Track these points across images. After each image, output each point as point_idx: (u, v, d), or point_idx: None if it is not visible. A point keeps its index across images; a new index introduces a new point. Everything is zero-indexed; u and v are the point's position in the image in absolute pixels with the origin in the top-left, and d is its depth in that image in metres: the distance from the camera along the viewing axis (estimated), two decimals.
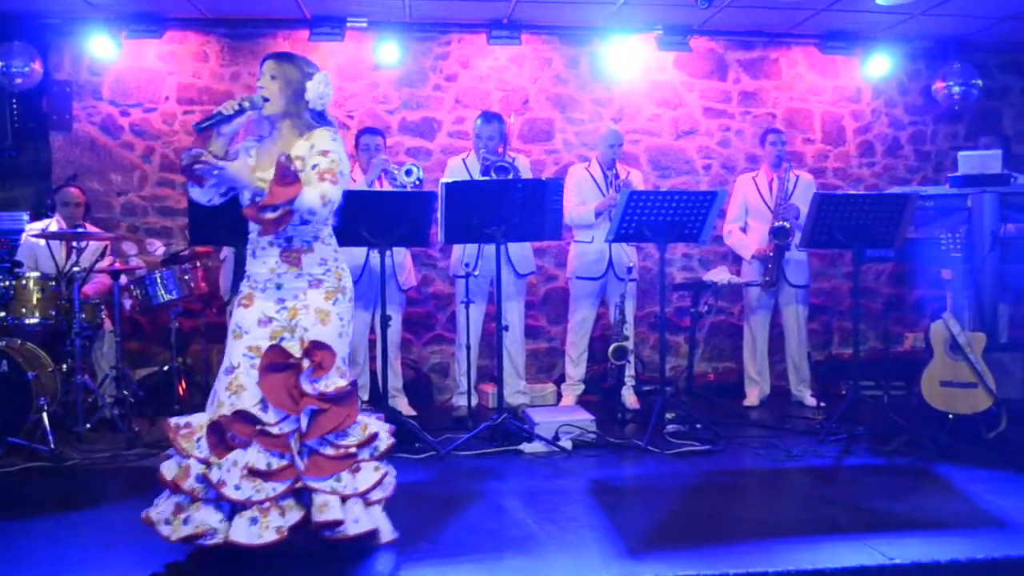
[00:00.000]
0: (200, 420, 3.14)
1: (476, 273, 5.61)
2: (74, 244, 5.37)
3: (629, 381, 6.02)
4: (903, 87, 7.38)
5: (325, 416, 3.06)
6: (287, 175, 3.04)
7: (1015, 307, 6.29)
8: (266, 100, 3.25)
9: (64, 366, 5.19)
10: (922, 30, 6.91)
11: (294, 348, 3.10)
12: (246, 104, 3.20)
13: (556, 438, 4.93)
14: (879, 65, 7.10)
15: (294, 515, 3.03)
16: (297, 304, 3.16)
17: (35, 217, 5.83)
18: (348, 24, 6.51)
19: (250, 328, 3.15)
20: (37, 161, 6.54)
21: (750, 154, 7.12)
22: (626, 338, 5.83)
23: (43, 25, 6.41)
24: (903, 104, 7.40)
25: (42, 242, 5.53)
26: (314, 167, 3.14)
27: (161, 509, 3.11)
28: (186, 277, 5.60)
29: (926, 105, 7.38)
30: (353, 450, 3.10)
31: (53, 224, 5.70)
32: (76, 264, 5.19)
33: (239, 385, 3.09)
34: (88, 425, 5.06)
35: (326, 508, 3.02)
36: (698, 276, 6.76)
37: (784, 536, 3.42)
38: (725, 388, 6.62)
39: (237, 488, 2.97)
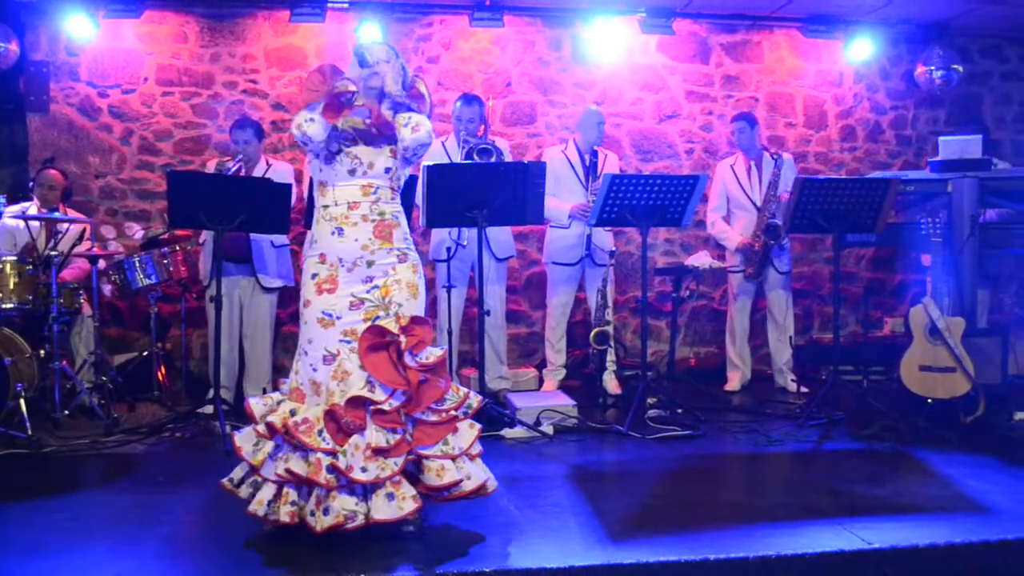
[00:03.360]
0: (315, 412, 3.15)
1: (464, 244, 5.55)
2: (55, 227, 5.31)
3: (610, 366, 6.01)
4: (885, 72, 7.39)
5: (428, 386, 3.16)
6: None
7: (994, 292, 6.34)
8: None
9: (42, 352, 5.14)
10: (904, 14, 6.91)
11: (391, 325, 3.17)
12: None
13: (538, 423, 4.94)
14: (861, 49, 7.09)
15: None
16: (388, 280, 3.24)
17: (12, 200, 5.76)
18: (329, 4, 6.44)
19: (342, 313, 3.21)
20: (14, 143, 6.44)
21: (732, 138, 7.11)
22: (607, 323, 5.83)
23: (19, 4, 6.31)
24: (885, 89, 7.41)
25: (21, 224, 5.47)
26: None
27: (305, 504, 3.14)
28: (165, 261, 5.56)
29: (908, 90, 7.40)
30: (453, 413, 3.21)
31: (32, 208, 5.64)
32: (54, 248, 5.14)
33: (344, 372, 3.16)
34: (66, 411, 5.03)
35: (444, 472, 3.14)
36: (680, 261, 6.76)
37: (764, 521, 3.44)
38: (706, 373, 6.64)
39: (364, 470, 3.04)
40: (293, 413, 3.17)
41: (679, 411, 5.23)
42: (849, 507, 3.59)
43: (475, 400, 3.32)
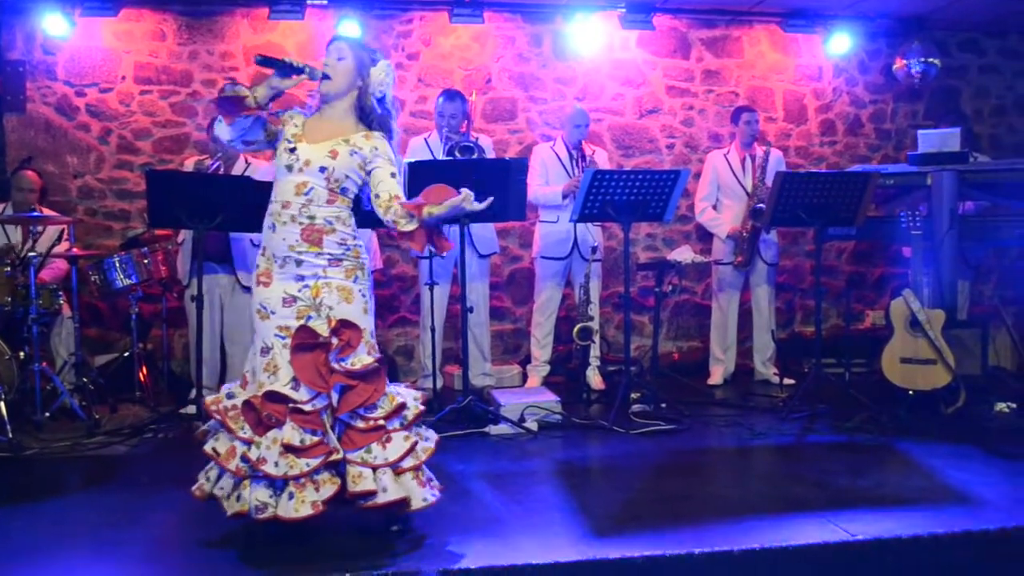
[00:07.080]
0: (242, 400, 3.18)
1: (443, 256, 5.56)
2: (31, 228, 5.26)
3: (594, 362, 6.03)
4: (864, 65, 7.43)
5: (353, 392, 3.13)
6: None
7: (974, 284, 6.39)
8: (327, 77, 3.26)
9: (21, 353, 5.08)
10: (882, 8, 6.95)
11: (322, 327, 3.13)
12: (306, 70, 3.21)
13: (522, 420, 4.93)
14: (840, 43, 7.12)
15: (329, 488, 3.09)
16: (319, 283, 3.16)
17: None
18: (308, 1, 6.42)
19: (276, 308, 3.17)
20: None
21: (713, 133, 7.14)
22: (591, 318, 5.84)
23: None
24: (864, 82, 7.44)
25: None
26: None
27: (222, 484, 3.19)
28: (145, 261, 5.51)
29: (886, 83, 7.43)
30: (382, 422, 3.15)
31: (9, 208, 5.58)
32: (32, 249, 5.09)
33: (275, 366, 3.14)
34: (47, 414, 4.97)
35: (360, 479, 3.11)
36: (662, 255, 6.78)
37: (749, 514, 3.45)
38: (689, 367, 6.66)
39: (276, 465, 3.04)
40: (231, 396, 3.22)
41: (663, 406, 5.24)
42: (833, 499, 3.60)
43: (412, 412, 3.23)
